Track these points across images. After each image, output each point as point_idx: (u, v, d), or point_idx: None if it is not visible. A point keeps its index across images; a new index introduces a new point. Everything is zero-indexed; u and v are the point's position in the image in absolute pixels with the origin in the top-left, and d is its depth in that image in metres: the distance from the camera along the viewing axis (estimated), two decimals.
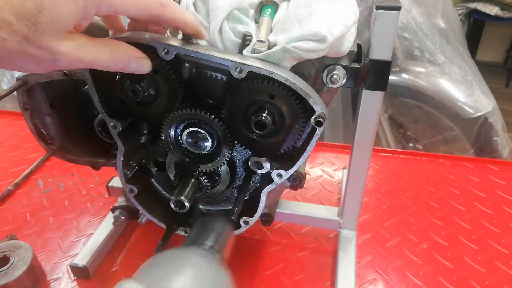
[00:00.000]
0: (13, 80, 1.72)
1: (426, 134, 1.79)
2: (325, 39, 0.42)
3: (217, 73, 0.47)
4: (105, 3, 0.36)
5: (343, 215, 0.68)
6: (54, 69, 0.36)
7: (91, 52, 0.36)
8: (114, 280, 0.66)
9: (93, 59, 0.37)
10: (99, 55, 0.37)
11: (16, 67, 0.35)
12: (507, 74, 3.66)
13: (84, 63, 0.36)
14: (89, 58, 0.36)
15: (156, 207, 0.62)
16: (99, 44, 0.37)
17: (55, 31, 0.33)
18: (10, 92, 0.57)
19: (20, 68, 0.35)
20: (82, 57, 0.36)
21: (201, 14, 0.47)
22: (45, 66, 0.35)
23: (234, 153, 0.50)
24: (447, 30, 1.78)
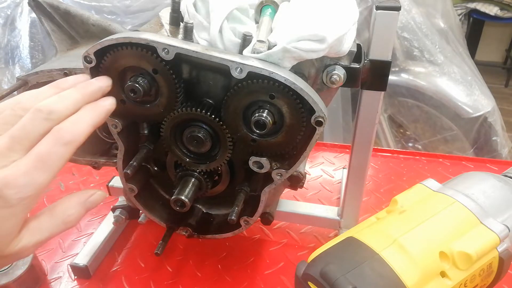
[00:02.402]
0: (13, 80, 1.73)
1: (425, 134, 1.79)
2: (325, 39, 0.42)
3: (217, 73, 0.47)
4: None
5: (343, 215, 0.68)
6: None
7: (45, 232, 0.37)
8: (115, 279, 0.66)
9: (50, 235, 0.37)
10: (53, 230, 0.37)
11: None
12: (506, 74, 3.66)
13: (45, 242, 0.37)
14: (46, 236, 0.37)
15: (156, 206, 0.62)
16: (47, 219, 0.38)
17: (9, 245, 0.35)
18: (10, 92, 0.57)
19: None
20: (38, 242, 0.36)
21: (201, 14, 0.47)
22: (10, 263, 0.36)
23: (234, 153, 0.50)
24: (446, 30, 1.78)
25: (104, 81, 0.44)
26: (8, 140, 0.35)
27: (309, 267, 0.42)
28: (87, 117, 0.39)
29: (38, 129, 0.36)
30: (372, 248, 0.41)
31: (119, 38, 0.44)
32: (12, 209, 0.33)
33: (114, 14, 1.72)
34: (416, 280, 0.39)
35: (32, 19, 1.75)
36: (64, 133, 0.36)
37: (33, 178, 0.34)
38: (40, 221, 0.37)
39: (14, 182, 0.33)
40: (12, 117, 0.37)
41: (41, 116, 0.36)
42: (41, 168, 0.35)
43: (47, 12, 0.64)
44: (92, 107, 0.41)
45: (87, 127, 0.38)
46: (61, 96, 0.39)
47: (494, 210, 0.45)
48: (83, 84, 0.42)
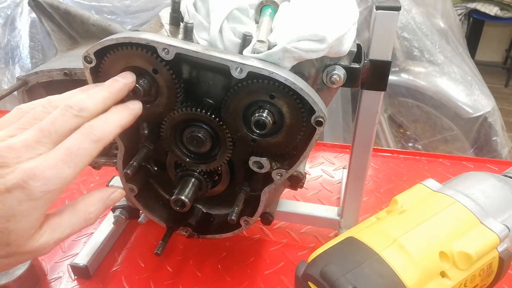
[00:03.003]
0: (13, 80, 1.73)
1: (425, 134, 1.79)
2: (325, 39, 0.42)
3: (217, 73, 0.47)
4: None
5: (343, 215, 0.68)
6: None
7: (66, 229, 0.37)
8: (115, 279, 0.66)
9: (71, 232, 0.38)
10: (75, 227, 0.38)
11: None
12: (506, 74, 3.66)
13: (65, 239, 0.37)
14: (67, 234, 0.37)
15: (156, 206, 0.62)
16: (69, 216, 0.38)
17: (29, 241, 0.34)
18: (10, 92, 0.57)
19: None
20: (59, 239, 0.37)
21: (201, 14, 0.47)
22: (28, 260, 0.37)
23: (234, 153, 0.50)
24: (446, 30, 1.78)
25: (129, 78, 0.44)
26: (37, 133, 0.35)
27: (309, 267, 0.42)
28: (117, 118, 0.40)
29: (68, 125, 0.36)
30: (372, 248, 0.41)
31: (119, 38, 0.44)
32: (35, 202, 0.33)
33: (114, 14, 1.72)
34: (416, 280, 0.39)
35: (32, 19, 1.75)
36: (95, 130, 0.37)
37: (60, 171, 0.34)
38: (61, 218, 0.37)
39: (41, 175, 0.33)
40: (43, 113, 0.37)
41: (72, 112, 0.37)
42: (69, 162, 0.35)
43: (47, 12, 0.64)
44: (122, 108, 0.42)
45: (116, 128, 0.39)
46: (90, 94, 0.39)
47: (494, 210, 0.45)
48: (109, 82, 0.43)
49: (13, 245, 0.33)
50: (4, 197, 0.32)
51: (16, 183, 0.32)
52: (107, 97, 0.40)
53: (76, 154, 0.35)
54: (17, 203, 0.33)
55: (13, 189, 0.32)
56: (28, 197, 0.33)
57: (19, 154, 0.34)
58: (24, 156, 0.34)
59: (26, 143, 0.34)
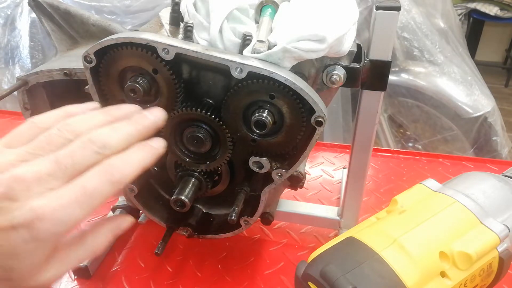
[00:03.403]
0: (13, 79, 1.73)
1: (425, 134, 1.79)
2: (325, 39, 0.42)
3: (217, 73, 0.47)
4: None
5: (343, 215, 0.68)
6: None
7: (73, 262, 0.35)
8: (115, 279, 0.66)
9: (77, 264, 0.36)
10: (81, 258, 0.36)
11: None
12: (506, 74, 3.66)
13: (71, 269, 0.36)
14: (74, 265, 0.35)
15: (156, 206, 0.62)
16: (77, 248, 0.35)
17: (34, 277, 0.32)
18: (10, 92, 0.57)
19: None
20: (64, 272, 0.35)
21: (201, 14, 0.47)
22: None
23: (234, 153, 0.50)
24: (446, 30, 1.78)
25: (159, 115, 0.40)
26: (52, 165, 0.32)
27: (309, 267, 0.42)
28: (138, 158, 0.36)
29: (87, 161, 0.33)
30: (372, 248, 0.41)
31: (119, 38, 0.44)
32: (41, 243, 0.31)
33: (114, 14, 1.72)
34: (416, 280, 0.39)
35: (32, 19, 1.76)
36: (115, 171, 0.34)
37: (71, 213, 0.31)
38: (70, 251, 0.35)
39: (51, 216, 0.30)
40: (58, 138, 0.34)
41: (93, 148, 0.34)
42: (82, 203, 0.32)
43: (47, 12, 0.64)
44: (145, 148, 0.38)
45: (137, 169, 0.36)
46: (115, 129, 0.36)
47: (494, 210, 0.45)
48: (138, 118, 0.39)
49: (15, 281, 0.31)
50: (8, 234, 0.30)
51: (23, 222, 0.30)
52: (133, 135, 0.37)
53: (91, 196, 0.32)
54: (22, 242, 0.30)
55: (19, 227, 0.30)
56: (33, 238, 0.30)
57: (29, 187, 0.31)
58: (35, 190, 0.31)
59: (38, 175, 0.31)
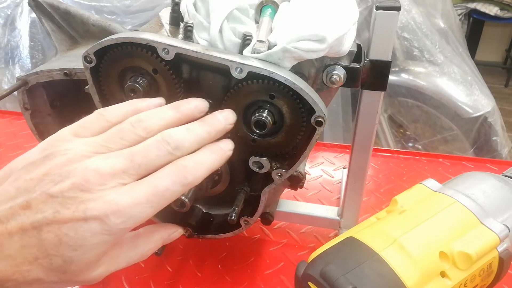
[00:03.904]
0: (13, 80, 1.73)
1: (425, 134, 1.79)
2: (325, 39, 0.42)
3: (217, 73, 0.47)
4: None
5: (343, 215, 0.68)
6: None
7: (121, 263, 0.36)
8: (115, 279, 0.66)
9: (125, 266, 0.36)
10: (130, 261, 0.36)
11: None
12: (506, 74, 3.66)
13: (118, 269, 0.36)
14: (121, 267, 0.36)
15: None
16: (128, 249, 0.36)
17: (86, 272, 0.33)
18: (10, 92, 0.57)
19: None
20: (114, 270, 0.35)
21: (201, 14, 0.47)
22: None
23: (234, 153, 0.50)
24: (446, 30, 1.78)
25: (231, 119, 0.41)
26: (127, 161, 0.33)
27: (309, 267, 0.42)
28: (209, 161, 0.37)
29: (160, 161, 0.34)
30: (372, 248, 0.41)
31: (119, 38, 0.44)
32: (109, 237, 0.31)
33: (114, 14, 1.72)
34: (416, 280, 0.39)
35: (32, 19, 1.76)
36: (187, 173, 0.34)
37: (143, 211, 0.32)
38: (121, 251, 0.35)
39: (124, 211, 0.31)
40: (131, 133, 0.35)
41: (168, 149, 0.34)
42: (153, 202, 0.32)
43: (47, 12, 0.64)
44: (215, 150, 0.38)
45: (207, 171, 0.36)
46: (189, 131, 0.37)
47: (494, 210, 0.45)
48: (210, 121, 0.39)
49: (69, 274, 0.31)
50: (79, 225, 0.30)
51: (97, 215, 0.30)
52: (205, 138, 0.37)
53: (163, 196, 0.33)
54: (91, 235, 0.30)
55: (91, 220, 0.30)
56: (104, 232, 0.31)
57: (104, 181, 0.31)
58: (109, 184, 0.31)
59: (113, 170, 0.32)
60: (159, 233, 0.38)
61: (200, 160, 0.36)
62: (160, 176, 0.33)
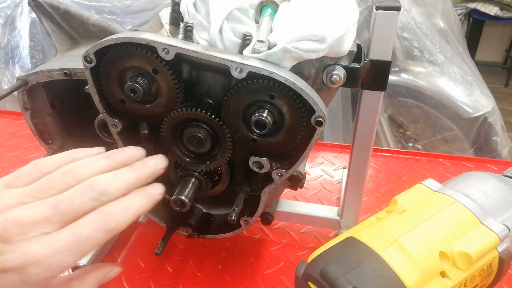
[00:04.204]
0: (13, 80, 1.73)
1: (425, 134, 1.79)
2: (325, 39, 0.42)
3: (217, 73, 0.47)
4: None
5: (343, 215, 0.68)
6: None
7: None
8: (115, 279, 0.65)
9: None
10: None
11: None
12: (506, 74, 3.66)
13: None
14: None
15: (156, 206, 0.61)
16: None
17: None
18: (10, 92, 0.57)
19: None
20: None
21: (201, 14, 0.47)
22: None
23: (234, 153, 0.50)
24: (446, 30, 1.78)
25: (161, 164, 0.41)
26: (50, 209, 0.32)
27: (309, 267, 0.42)
28: (135, 206, 0.37)
29: (85, 207, 0.34)
30: (372, 248, 0.41)
31: (119, 38, 0.44)
32: (30, 287, 0.31)
33: (114, 14, 1.72)
34: (416, 280, 0.39)
35: (32, 19, 1.76)
36: (110, 218, 0.34)
37: (63, 259, 0.31)
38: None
39: (42, 261, 0.30)
40: (60, 183, 0.34)
41: (92, 195, 0.34)
42: (74, 250, 0.32)
43: (47, 12, 0.64)
44: (142, 195, 0.38)
45: (132, 217, 0.36)
46: (116, 176, 0.36)
47: (494, 210, 0.45)
48: (139, 166, 0.39)
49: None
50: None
51: (15, 266, 0.30)
52: (132, 183, 0.37)
53: (84, 243, 0.32)
54: (10, 286, 0.30)
55: (9, 271, 0.30)
56: (22, 283, 0.30)
57: (25, 230, 0.31)
58: (30, 234, 0.31)
59: (36, 219, 0.32)
60: (93, 274, 0.37)
61: (125, 206, 0.35)
62: (82, 223, 0.33)
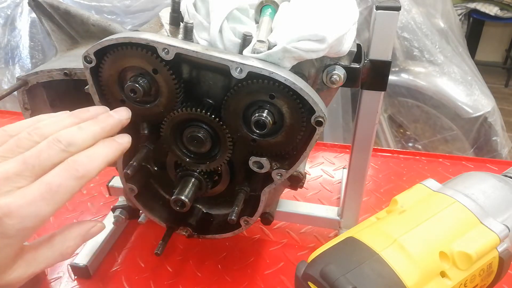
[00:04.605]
0: (13, 80, 1.73)
1: (425, 134, 1.79)
2: (325, 39, 0.42)
3: (217, 73, 0.47)
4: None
5: (343, 215, 0.68)
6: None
7: (41, 264, 0.36)
8: (115, 279, 0.66)
9: (46, 266, 0.36)
10: (50, 261, 0.36)
11: None
12: (506, 74, 3.66)
13: (39, 272, 0.36)
14: (41, 268, 0.36)
15: (157, 206, 0.62)
16: (45, 250, 0.36)
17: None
18: (10, 92, 0.57)
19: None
20: (33, 273, 0.35)
21: (201, 14, 0.47)
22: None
23: (234, 153, 0.50)
24: (446, 30, 1.78)
25: (124, 114, 0.43)
26: (19, 165, 0.33)
27: (309, 267, 0.42)
28: (103, 154, 0.38)
29: (53, 159, 0.35)
30: (372, 248, 0.41)
31: (119, 38, 0.44)
32: (8, 240, 0.32)
33: (114, 14, 1.72)
34: (416, 280, 0.39)
35: (32, 19, 1.76)
36: (78, 166, 0.35)
37: (38, 209, 0.32)
38: (37, 252, 0.35)
39: (17, 212, 0.31)
40: (27, 141, 0.35)
41: (59, 146, 0.35)
42: (48, 199, 0.33)
43: (47, 12, 0.64)
44: (110, 144, 0.39)
45: (102, 164, 0.37)
46: (81, 128, 0.38)
47: (494, 210, 0.45)
48: (103, 117, 0.41)
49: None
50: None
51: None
52: (98, 133, 0.39)
53: (56, 191, 0.33)
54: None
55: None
56: (1, 235, 0.31)
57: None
58: (2, 189, 0.32)
59: (6, 175, 0.33)
60: (75, 230, 0.38)
61: (93, 153, 0.37)
62: (52, 174, 0.34)
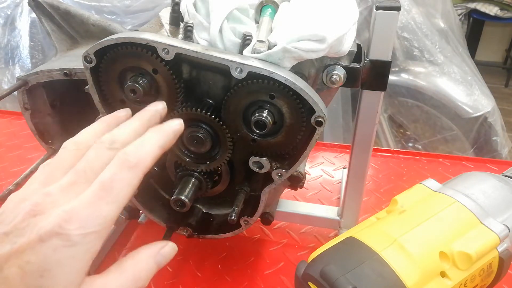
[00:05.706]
0: (13, 80, 1.73)
1: (425, 134, 1.79)
2: (325, 39, 0.42)
3: (217, 73, 0.47)
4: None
5: (343, 215, 0.68)
6: None
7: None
8: None
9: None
10: (124, 286, 0.33)
11: None
12: (506, 74, 3.66)
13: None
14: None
15: (157, 206, 0.62)
16: (115, 276, 0.33)
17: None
18: (10, 92, 0.57)
19: None
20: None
21: (201, 14, 0.47)
22: None
23: (234, 153, 0.50)
24: (446, 30, 1.78)
25: (159, 105, 0.43)
26: (72, 175, 0.33)
27: (309, 267, 0.42)
28: (152, 139, 0.37)
29: (102, 159, 0.33)
30: (372, 248, 0.41)
31: (119, 38, 0.44)
32: (74, 249, 0.29)
33: (114, 14, 1.72)
34: (416, 280, 0.39)
35: (32, 19, 1.76)
36: (128, 156, 0.33)
37: (97, 209, 0.31)
38: (107, 278, 0.33)
39: (76, 216, 0.30)
40: (75, 156, 0.35)
41: (104, 146, 0.34)
42: (105, 197, 0.31)
43: (47, 12, 0.64)
44: (157, 128, 0.39)
45: (154, 148, 0.36)
46: (119, 127, 0.37)
47: (494, 210, 0.45)
48: (139, 113, 0.41)
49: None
50: (37, 248, 0.28)
51: (51, 229, 0.29)
52: (139, 126, 0.38)
53: (111, 187, 0.32)
54: (52, 251, 0.28)
55: (47, 237, 0.28)
56: (64, 243, 0.29)
57: (55, 198, 0.31)
58: (61, 200, 0.31)
59: (62, 187, 0.32)
60: (145, 252, 0.36)
61: (141, 141, 0.36)
62: (104, 171, 0.33)
